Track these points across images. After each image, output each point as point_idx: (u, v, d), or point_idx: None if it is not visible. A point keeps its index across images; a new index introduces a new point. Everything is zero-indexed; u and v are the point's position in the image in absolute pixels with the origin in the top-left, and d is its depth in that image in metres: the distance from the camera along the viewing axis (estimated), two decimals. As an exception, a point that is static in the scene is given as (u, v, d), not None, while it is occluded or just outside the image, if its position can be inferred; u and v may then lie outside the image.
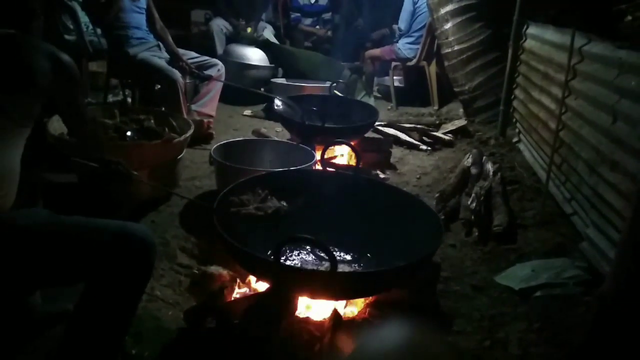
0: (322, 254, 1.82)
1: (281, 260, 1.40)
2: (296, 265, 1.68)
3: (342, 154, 3.21)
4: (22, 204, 1.53)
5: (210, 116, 3.80)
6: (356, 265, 1.84)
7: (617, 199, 1.79)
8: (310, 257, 1.84)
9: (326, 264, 1.72)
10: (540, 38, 2.98)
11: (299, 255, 1.84)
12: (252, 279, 1.79)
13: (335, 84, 3.76)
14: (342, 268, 1.79)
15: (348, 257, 1.87)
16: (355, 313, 1.68)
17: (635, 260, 1.45)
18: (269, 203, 1.69)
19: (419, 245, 1.62)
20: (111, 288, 1.20)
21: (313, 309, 1.64)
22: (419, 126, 3.93)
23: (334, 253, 1.82)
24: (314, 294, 1.51)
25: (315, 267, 1.74)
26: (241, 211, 1.62)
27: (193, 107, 3.77)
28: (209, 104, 3.80)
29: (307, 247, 1.86)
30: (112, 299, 1.21)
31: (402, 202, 1.88)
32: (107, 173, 1.51)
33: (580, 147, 2.15)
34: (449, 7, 4.07)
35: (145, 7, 3.43)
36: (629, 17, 2.58)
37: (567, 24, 2.46)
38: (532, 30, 3.20)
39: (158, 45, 3.52)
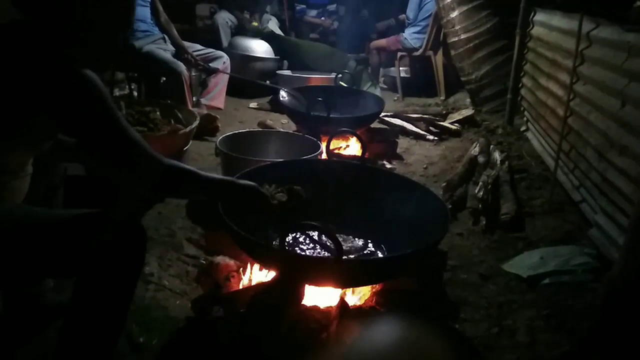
0: (328, 242, 1.81)
1: (287, 247, 1.40)
2: (302, 253, 1.67)
3: (348, 145, 3.19)
4: (42, 196, 1.54)
5: (219, 109, 3.81)
6: (362, 253, 1.83)
7: (626, 183, 1.77)
8: (317, 245, 1.83)
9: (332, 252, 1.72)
10: (547, 25, 2.95)
11: (305, 243, 1.83)
12: (258, 267, 1.80)
13: (340, 75, 3.75)
14: (348, 256, 1.79)
15: (354, 246, 1.87)
16: (363, 301, 1.68)
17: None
18: (277, 195, 1.68)
19: (425, 234, 1.61)
20: (100, 280, 1.15)
21: (320, 296, 1.64)
22: (425, 116, 3.90)
23: (340, 240, 1.83)
24: (320, 282, 1.51)
25: (321, 255, 1.73)
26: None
27: (202, 100, 3.78)
28: (217, 96, 3.82)
29: (313, 235, 1.86)
30: (103, 292, 1.16)
31: (409, 190, 1.87)
32: None
33: (588, 133, 2.12)
34: (455, -4, 4.04)
35: (149, 0, 3.43)
36: (638, 3, 2.53)
37: (575, 9, 2.43)
38: (539, 17, 3.16)
39: (163, 38, 3.53)
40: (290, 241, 1.77)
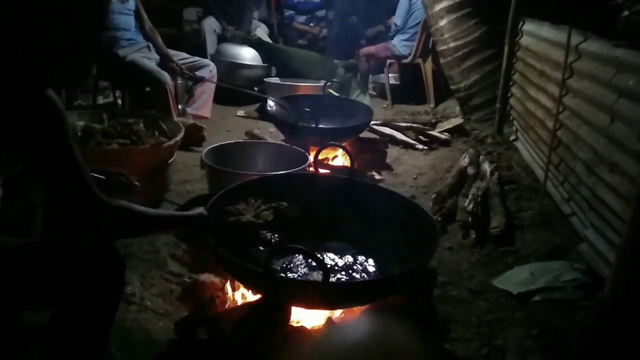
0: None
1: (272, 270, 1.36)
2: (287, 276, 1.63)
3: (337, 155, 3.16)
4: (21, 218, 1.49)
5: (206, 118, 3.76)
6: (351, 271, 1.79)
7: (616, 200, 1.75)
8: (305, 264, 1.79)
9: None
10: (536, 35, 2.94)
11: (292, 262, 1.79)
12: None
13: (329, 83, 3.71)
14: (336, 275, 1.75)
15: (342, 263, 1.82)
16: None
17: (636, 265, 1.41)
18: (263, 214, 1.66)
19: (415, 251, 1.58)
20: (77, 310, 1.14)
21: (307, 317, 1.60)
22: (414, 125, 3.88)
23: (328, 259, 1.80)
24: (307, 304, 1.47)
25: (309, 276, 1.69)
26: (241, 220, 1.59)
27: (188, 109, 3.73)
28: (203, 106, 3.78)
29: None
30: (81, 322, 1.15)
31: (398, 205, 1.83)
32: (110, 184, 1.47)
33: (578, 147, 2.11)
34: (444, 4, 4.03)
35: (133, 8, 3.38)
36: (626, 12, 2.54)
37: (563, 20, 2.42)
38: (528, 26, 3.16)
39: (148, 47, 3.48)
40: (277, 261, 1.73)
